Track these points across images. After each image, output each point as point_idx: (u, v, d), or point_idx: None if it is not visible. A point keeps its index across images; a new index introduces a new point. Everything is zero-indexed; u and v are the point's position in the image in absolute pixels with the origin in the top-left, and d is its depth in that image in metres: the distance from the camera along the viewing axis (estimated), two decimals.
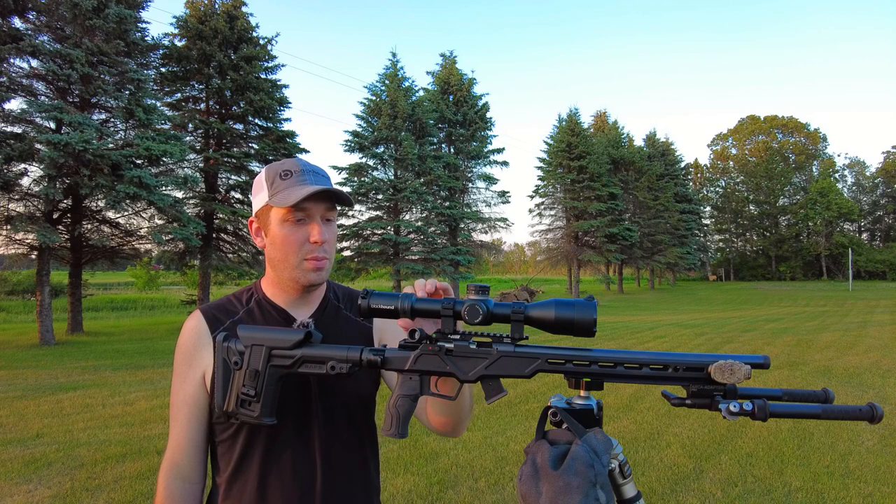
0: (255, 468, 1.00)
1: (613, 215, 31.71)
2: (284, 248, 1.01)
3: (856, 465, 3.91)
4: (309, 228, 1.00)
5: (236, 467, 1.01)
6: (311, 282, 1.02)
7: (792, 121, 59.18)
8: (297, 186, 0.99)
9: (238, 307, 1.08)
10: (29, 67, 11.40)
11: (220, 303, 1.10)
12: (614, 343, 10.44)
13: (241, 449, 1.00)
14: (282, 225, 1.00)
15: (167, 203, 12.29)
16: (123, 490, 3.53)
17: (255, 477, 0.99)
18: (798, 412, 0.72)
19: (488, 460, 4.03)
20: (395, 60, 20.98)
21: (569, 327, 0.77)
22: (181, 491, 1.01)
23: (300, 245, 1.00)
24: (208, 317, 1.05)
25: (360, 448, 1.08)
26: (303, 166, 1.02)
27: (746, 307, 23.77)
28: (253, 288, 1.12)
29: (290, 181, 0.99)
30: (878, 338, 10.58)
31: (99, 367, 8.75)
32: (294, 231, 1.00)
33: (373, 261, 20.46)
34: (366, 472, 1.09)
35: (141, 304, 24.50)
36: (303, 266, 1.01)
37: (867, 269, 47.39)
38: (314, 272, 1.01)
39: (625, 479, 0.79)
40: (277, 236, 1.01)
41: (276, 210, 1.00)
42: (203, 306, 1.09)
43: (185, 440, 1.01)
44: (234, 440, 1.01)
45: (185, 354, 1.03)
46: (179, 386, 1.02)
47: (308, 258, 1.00)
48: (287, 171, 1.01)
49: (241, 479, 1.00)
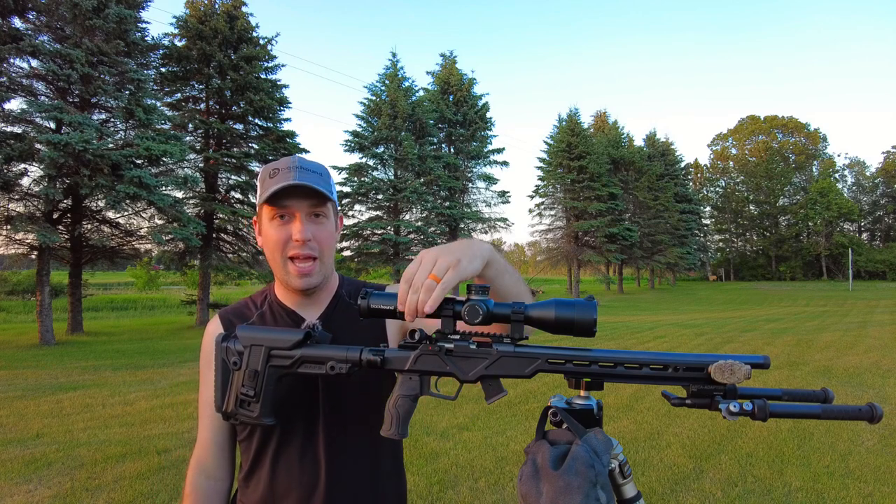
0: (266, 467, 1.02)
1: (613, 215, 31.71)
2: (270, 247, 1.00)
3: (856, 465, 3.91)
4: (292, 226, 0.98)
5: (251, 466, 1.03)
6: (297, 287, 1.01)
7: (792, 121, 59.20)
8: (280, 182, 0.96)
9: (252, 310, 1.09)
10: (29, 67, 11.40)
11: (237, 306, 1.11)
12: (614, 343, 10.44)
13: (255, 448, 1.02)
14: (269, 223, 1.00)
15: (167, 203, 12.29)
16: (123, 490, 3.53)
17: (267, 475, 1.02)
18: (798, 412, 0.72)
19: (488, 460, 4.03)
20: (395, 60, 20.99)
21: (569, 327, 0.76)
22: (205, 487, 1.06)
23: (284, 243, 0.98)
24: (225, 322, 1.07)
25: (373, 448, 1.07)
26: (293, 163, 0.99)
27: (746, 307, 23.77)
28: (267, 290, 1.12)
29: (276, 178, 0.97)
30: (878, 338, 10.58)
31: (99, 367, 8.75)
32: (278, 229, 0.99)
33: (373, 261, 20.47)
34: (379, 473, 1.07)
35: (141, 304, 24.52)
36: (287, 268, 1.00)
37: (867, 269, 47.42)
38: (298, 278, 0.99)
39: (625, 479, 0.78)
40: (266, 235, 1.01)
41: (265, 208, 0.99)
42: (221, 310, 1.11)
43: (209, 440, 1.06)
44: (249, 440, 1.03)
45: (205, 358, 1.07)
46: (204, 388, 1.06)
47: (291, 256, 0.99)
48: (276, 168, 0.99)
49: (255, 478, 1.03)
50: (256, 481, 1.02)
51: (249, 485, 1.03)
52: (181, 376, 7.72)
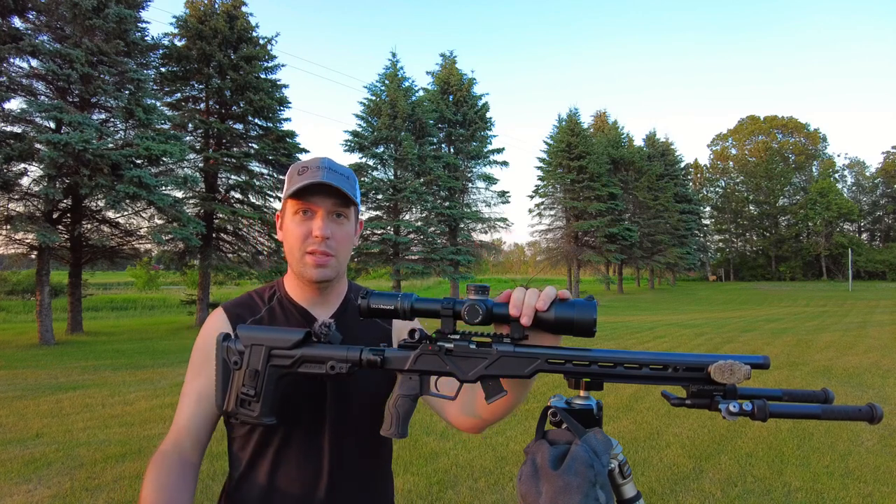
0: (266, 466, 1.01)
1: (613, 215, 31.70)
2: (290, 240, 1.02)
3: (855, 465, 3.91)
4: (313, 223, 1.01)
5: (249, 464, 1.02)
6: (311, 277, 1.02)
7: (792, 121, 59.20)
8: (307, 179, 0.99)
9: (261, 305, 1.08)
10: (29, 67, 11.39)
11: (242, 300, 1.10)
12: (614, 343, 10.44)
13: (254, 446, 1.02)
14: (292, 218, 1.02)
15: (167, 203, 12.29)
16: (123, 490, 3.53)
17: (266, 475, 1.01)
18: (798, 412, 0.72)
19: (488, 460, 4.03)
20: (394, 60, 20.96)
21: (569, 327, 0.77)
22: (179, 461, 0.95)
23: (304, 238, 1.01)
24: (231, 315, 1.05)
25: (374, 451, 1.07)
26: (322, 163, 1.02)
27: (746, 307, 23.78)
28: (276, 285, 1.12)
29: (304, 175, 1.00)
30: (877, 338, 10.58)
31: (99, 366, 8.75)
32: (300, 224, 1.01)
33: (373, 261, 20.45)
34: (379, 474, 1.08)
35: (141, 304, 24.52)
36: (304, 260, 1.02)
37: (867, 270, 47.41)
38: (314, 268, 1.01)
39: (624, 479, 0.79)
40: (287, 229, 1.03)
41: (289, 203, 1.02)
42: (225, 304, 1.09)
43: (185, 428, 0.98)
44: (248, 437, 1.02)
45: (204, 350, 1.01)
46: (192, 378, 1.01)
47: (309, 251, 1.01)
48: (305, 166, 1.02)
49: (252, 476, 1.02)
50: (254, 479, 1.01)
51: (245, 483, 1.02)
52: (181, 376, 7.72)
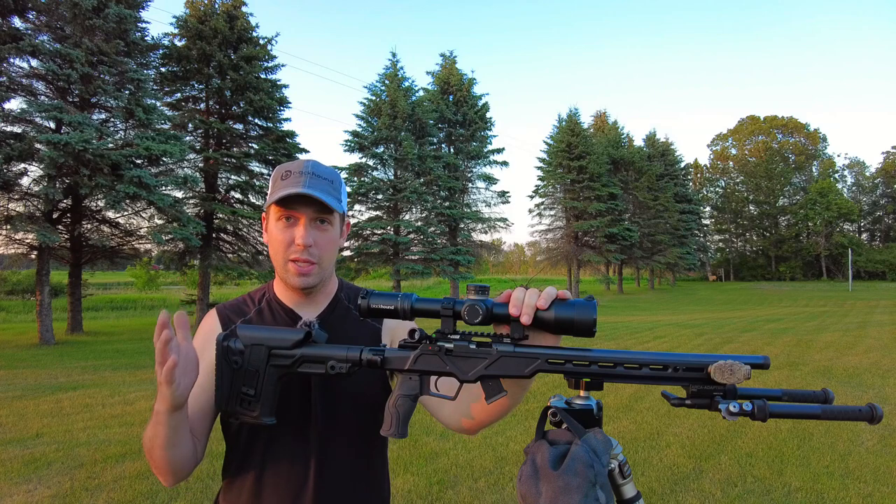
0: (254, 467, 1.01)
1: (613, 215, 31.69)
2: (274, 246, 1.03)
3: (855, 465, 3.91)
4: (296, 230, 1.00)
5: (239, 465, 1.03)
6: (294, 285, 1.02)
7: (792, 121, 59.22)
8: (289, 188, 0.98)
9: (250, 307, 1.09)
10: (29, 67, 11.39)
11: (235, 303, 1.11)
12: (614, 343, 10.44)
13: (243, 447, 1.02)
14: (275, 224, 1.02)
15: (167, 203, 12.28)
16: (123, 490, 3.53)
17: (254, 475, 1.01)
18: (798, 412, 0.72)
19: (488, 460, 4.03)
20: (395, 60, 20.96)
21: (569, 327, 0.77)
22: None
23: (287, 245, 1.01)
24: (223, 317, 1.07)
25: (363, 450, 1.07)
26: (305, 168, 1.01)
27: (746, 307, 23.78)
28: (266, 287, 1.13)
29: (287, 181, 0.99)
30: (877, 338, 10.58)
31: (99, 366, 8.75)
32: (283, 230, 1.01)
33: (372, 261, 20.44)
34: (369, 474, 1.08)
35: (141, 304, 24.50)
36: (287, 268, 1.02)
37: (867, 270, 47.41)
38: (297, 276, 1.01)
39: (624, 479, 0.79)
40: (271, 234, 1.03)
41: (273, 208, 1.02)
42: (219, 306, 1.11)
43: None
44: (237, 439, 1.03)
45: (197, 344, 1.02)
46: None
47: (292, 259, 1.01)
48: (288, 171, 1.01)
49: (241, 477, 1.02)
50: (243, 480, 1.01)
51: (235, 483, 1.02)
52: None
